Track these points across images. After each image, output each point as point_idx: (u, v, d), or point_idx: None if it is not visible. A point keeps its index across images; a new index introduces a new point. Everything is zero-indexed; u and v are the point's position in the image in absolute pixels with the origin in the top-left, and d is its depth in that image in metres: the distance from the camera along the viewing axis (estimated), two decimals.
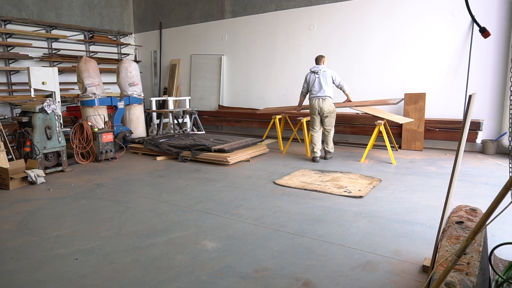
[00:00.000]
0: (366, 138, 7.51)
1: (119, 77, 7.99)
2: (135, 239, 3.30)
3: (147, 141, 7.03)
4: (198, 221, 3.70)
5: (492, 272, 2.23)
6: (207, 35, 10.32)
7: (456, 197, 4.24)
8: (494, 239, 3.11)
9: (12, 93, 8.89)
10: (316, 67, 6.28)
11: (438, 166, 5.83)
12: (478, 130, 6.64)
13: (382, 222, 3.59)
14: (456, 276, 1.74)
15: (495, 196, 1.49)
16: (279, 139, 7.65)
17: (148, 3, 11.51)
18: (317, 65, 6.31)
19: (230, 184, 5.04)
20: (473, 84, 6.80)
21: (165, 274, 2.69)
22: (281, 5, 8.89)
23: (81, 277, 2.66)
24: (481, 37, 6.50)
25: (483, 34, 6.39)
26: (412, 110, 7.18)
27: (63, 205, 4.27)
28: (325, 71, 6.20)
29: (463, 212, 2.54)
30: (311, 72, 6.30)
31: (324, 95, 6.15)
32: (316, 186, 4.81)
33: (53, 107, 5.70)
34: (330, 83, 6.20)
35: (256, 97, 9.57)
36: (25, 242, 3.28)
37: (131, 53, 11.88)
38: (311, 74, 6.30)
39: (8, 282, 2.61)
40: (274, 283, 2.55)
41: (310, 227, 3.50)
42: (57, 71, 7.06)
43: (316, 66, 6.29)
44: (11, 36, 8.72)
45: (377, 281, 2.54)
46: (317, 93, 6.18)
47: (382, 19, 7.60)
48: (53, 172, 5.75)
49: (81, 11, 10.37)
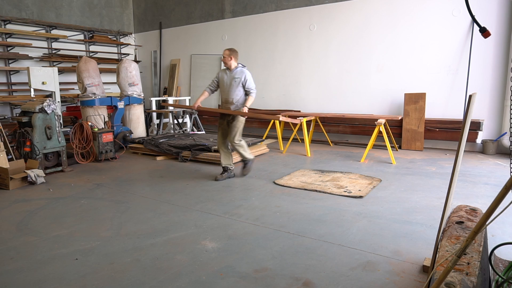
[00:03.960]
0: (366, 138, 7.51)
1: (119, 77, 7.98)
2: (135, 239, 3.30)
3: (147, 141, 7.03)
4: (198, 221, 3.70)
5: (492, 272, 2.23)
6: (207, 35, 10.32)
7: (456, 197, 4.24)
8: (494, 239, 3.11)
9: (12, 93, 8.89)
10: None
11: (438, 166, 5.83)
12: (478, 130, 6.64)
13: (382, 222, 3.59)
14: (456, 276, 1.74)
15: (495, 196, 1.49)
16: (279, 139, 7.65)
17: (148, 3, 11.51)
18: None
19: (230, 184, 5.04)
20: (473, 84, 6.80)
21: (165, 274, 2.68)
22: (281, 5, 8.89)
23: (81, 277, 2.66)
24: (481, 37, 6.50)
25: (483, 34, 6.39)
26: (412, 110, 7.18)
27: (63, 205, 4.27)
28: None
29: (463, 212, 2.54)
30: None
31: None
32: (316, 186, 4.80)
33: (53, 107, 5.69)
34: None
35: (256, 97, 9.49)
36: (25, 242, 3.28)
37: (131, 53, 11.88)
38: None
39: (8, 282, 2.61)
40: (274, 283, 2.54)
41: (310, 227, 3.50)
42: (57, 71, 7.07)
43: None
44: (11, 36, 8.72)
45: (377, 281, 2.54)
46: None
47: (382, 19, 7.60)
48: (53, 172, 5.75)
49: (81, 11, 10.37)
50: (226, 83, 5.16)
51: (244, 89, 5.12)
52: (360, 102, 8.03)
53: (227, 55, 5.09)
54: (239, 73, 5.09)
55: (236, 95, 5.10)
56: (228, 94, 5.15)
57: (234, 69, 5.12)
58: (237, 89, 5.09)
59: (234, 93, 5.10)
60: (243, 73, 5.08)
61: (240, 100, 5.14)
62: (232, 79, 5.09)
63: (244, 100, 5.14)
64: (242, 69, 5.13)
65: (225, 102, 5.25)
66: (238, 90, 5.10)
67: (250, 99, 5.12)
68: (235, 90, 5.09)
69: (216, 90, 5.39)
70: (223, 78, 5.21)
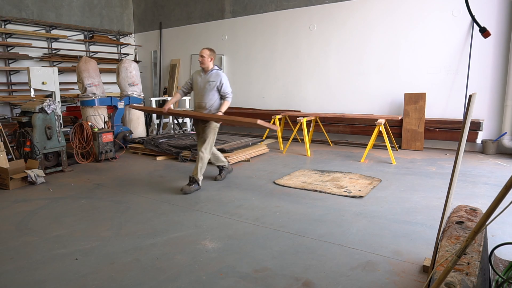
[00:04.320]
0: (366, 138, 7.51)
1: (119, 77, 7.98)
2: (135, 239, 3.30)
3: (147, 141, 7.03)
4: (198, 221, 3.70)
5: (492, 272, 2.23)
6: (207, 35, 10.32)
7: (456, 197, 4.24)
8: (494, 239, 3.11)
9: (12, 93, 8.89)
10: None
11: (438, 166, 5.83)
12: (478, 130, 6.64)
13: (382, 222, 3.59)
14: (456, 276, 1.74)
15: (495, 196, 1.49)
16: (279, 139, 7.65)
17: (148, 3, 11.51)
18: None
19: (230, 184, 5.04)
20: (473, 84, 6.80)
21: (165, 274, 2.69)
22: (281, 5, 8.89)
23: (81, 277, 2.66)
24: (481, 37, 6.50)
25: (483, 34, 6.39)
26: (412, 110, 7.18)
27: (63, 205, 4.27)
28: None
29: (463, 212, 2.54)
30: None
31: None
32: (316, 186, 4.80)
33: (53, 107, 5.69)
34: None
35: (256, 97, 9.57)
36: (25, 242, 3.28)
37: (131, 53, 11.88)
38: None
39: (8, 282, 2.61)
40: (274, 283, 2.54)
41: (310, 227, 3.50)
42: (57, 71, 7.06)
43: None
44: (11, 36, 8.72)
45: (377, 281, 2.54)
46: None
47: (382, 19, 7.60)
48: (53, 172, 5.75)
49: (81, 11, 10.36)
50: (200, 86, 4.75)
51: (220, 93, 4.72)
52: (360, 102, 8.03)
53: (207, 55, 4.66)
54: (214, 76, 4.68)
55: (210, 99, 4.71)
56: (202, 98, 4.74)
57: (209, 71, 4.72)
58: (211, 93, 4.69)
59: (208, 97, 4.70)
60: (219, 76, 4.68)
61: (214, 105, 4.73)
62: (206, 82, 4.69)
63: (219, 105, 4.73)
64: (218, 72, 4.73)
65: (197, 107, 4.84)
66: (212, 94, 4.69)
67: (225, 104, 4.69)
68: (208, 94, 4.69)
69: (190, 92, 5.00)
70: (197, 81, 4.79)
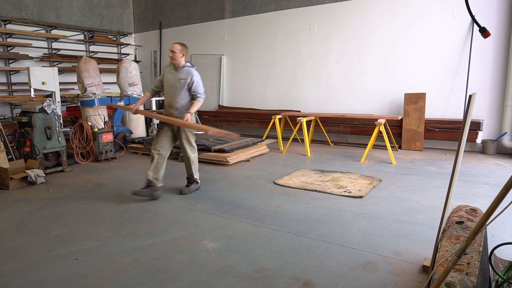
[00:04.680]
0: (366, 138, 7.51)
1: (119, 77, 7.98)
2: (135, 239, 3.30)
3: (147, 141, 7.03)
4: (198, 221, 3.70)
5: (492, 272, 2.23)
6: (207, 35, 10.32)
7: (456, 197, 4.24)
8: (494, 239, 3.11)
9: (12, 93, 8.89)
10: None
11: (438, 166, 5.83)
12: (478, 130, 6.64)
13: (382, 222, 3.59)
14: (456, 276, 1.74)
15: (495, 196, 1.49)
16: (279, 139, 7.65)
17: (148, 3, 11.51)
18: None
19: (230, 184, 5.04)
20: (473, 84, 6.80)
21: (165, 274, 2.68)
22: (281, 5, 8.89)
23: (81, 277, 2.66)
24: (481, 37, 6.50)
25: (483, 34, 6.39)
26: (412, 110, 7.18)
27: (63, 205, 4.27)
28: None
29: (463, 212, 2.54)
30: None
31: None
32: (316, 186, 4.80)
33: (53, 107, 5.69)
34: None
35: (256, 97, 9.57)
36: (25, 242, 3.27)
37: (131, 53, 11.88)
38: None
39: (8, 282, 2.61)
40: (274, 283, 2.54)
41: (310, 227, 3.50)
42: (57, 71, 7.06)
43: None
44: (11, 36, 8.72)
45: (377, 281, 2.54)
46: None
47: (382, 19, 7.60)
48: (53, 172, 5.75)
49: (81, 11, 10.36)
50: (170, 84, 4.40)
51: (190, 92, 4.39)
52: (360, 102, 8.03)
53: (178, 50, 4.29)
54: (185, 74, 4.34)
55: (180, 98, 4.37)
56: (172, 97, 4.40)
57: (181, 68, 4.37)
58: (182, 92, 4.35)
59: (179, 97, 4.36)
60: (190, 74, 4.33)
61: (185, 105, 4.40)
62: (177, 80, 4.35)
63: (190, 106, 4.39)
64: (189, 69, 4.37)
65: (168, 106, 4.49)
66: (183, 93, 4.36)
67: (196, 105, 4.34)
68: (179, 93, 4.35)
69: (161, 91, 4.62)
70: (167, 78, 4.44)
